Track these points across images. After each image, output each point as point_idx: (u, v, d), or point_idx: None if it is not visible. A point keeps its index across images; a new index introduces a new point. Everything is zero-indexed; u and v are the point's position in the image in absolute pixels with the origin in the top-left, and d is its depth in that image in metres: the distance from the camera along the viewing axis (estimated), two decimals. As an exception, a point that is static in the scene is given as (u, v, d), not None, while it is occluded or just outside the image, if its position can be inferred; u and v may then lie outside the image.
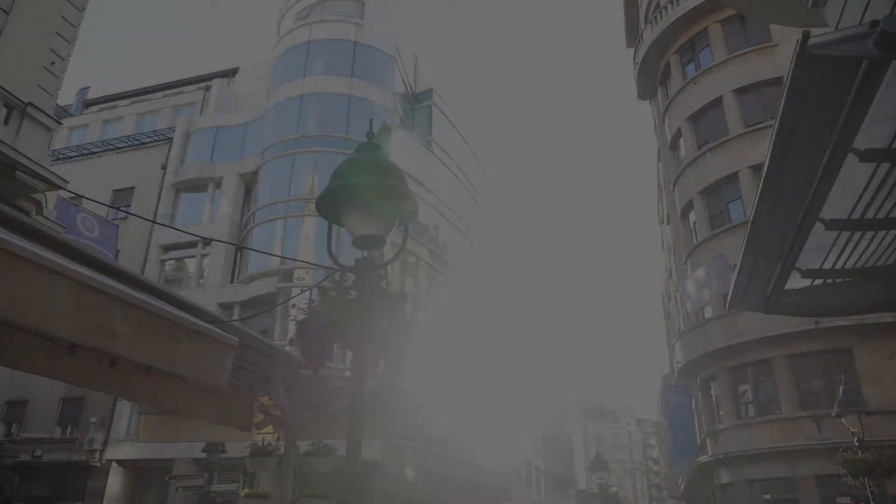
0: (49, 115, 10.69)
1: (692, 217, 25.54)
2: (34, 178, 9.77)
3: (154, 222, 28.52)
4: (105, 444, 25.93)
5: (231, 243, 27.71)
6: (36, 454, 26.56)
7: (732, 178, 23.34)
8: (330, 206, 4.49)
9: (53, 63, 11.18)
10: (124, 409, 26.62)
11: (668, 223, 31.21)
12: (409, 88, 34.75)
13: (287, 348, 5.89)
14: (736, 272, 5.70)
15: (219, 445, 18.02)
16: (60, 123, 11.00)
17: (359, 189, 4.28)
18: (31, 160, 9.66)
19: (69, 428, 27.07)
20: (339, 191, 4.28)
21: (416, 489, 26.87)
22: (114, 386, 4.55)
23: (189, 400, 5.55)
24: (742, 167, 22.89)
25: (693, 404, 26.47)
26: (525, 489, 45.51)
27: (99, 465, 25.75)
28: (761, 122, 22.83)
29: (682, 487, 42.31)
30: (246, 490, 6.05)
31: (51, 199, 11.26)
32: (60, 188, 10.45)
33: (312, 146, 27.71)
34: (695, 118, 25.65)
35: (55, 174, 10.50)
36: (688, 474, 31.62)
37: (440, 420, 29.74)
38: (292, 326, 5.25)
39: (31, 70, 10.64)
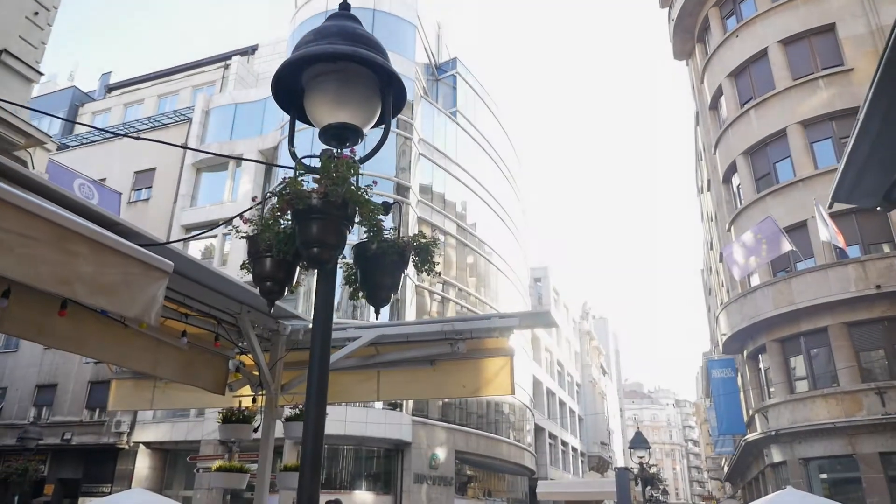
0: (30, 66, 9.79)
1: (735, 180, 23.91)
2: (10, 130, 8.90)
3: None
4: (132, 426, 25.64)
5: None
6: (65, 437, 26.44)
7: (780, 135, 21.64)
8: (288, 88, 3.44)
9: (37, 13, 10.31)
10: (150, 391, 26.25)
11: (708, 190, 29.51)
12: (431, 58, 33.51)
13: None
14: (843, 163, 4.50)
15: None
16: (41, 74, 10.11)
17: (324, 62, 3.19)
18: (7, 111, 8.80)
19: (97, 411, 26.86)
20: (299, 64, 3.21)
21: (448, 469, 26.00)
22: (21, 327, 3.58)
23: (142, 357, 4.57)
24: (790, 123, 21.19)
25: (739, 379, 24.96)
26: (561, 471, 44.45)
27: (127, 447, 25.49)
28: (812, 73, 21.07)
29: (727, 469, 40.82)
30: (217, 463, 5.01)
31: (42, 161, 10.37)
32: (42, 143, 9.58)
33: (333, 118, 26.71)
34: (737, 74, 23.90)
35: (37, 129, 9.62)
36: (733, 454, 30.15)
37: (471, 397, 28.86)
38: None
39: (9, 18, 9.77)
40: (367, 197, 3.28)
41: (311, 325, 5.35)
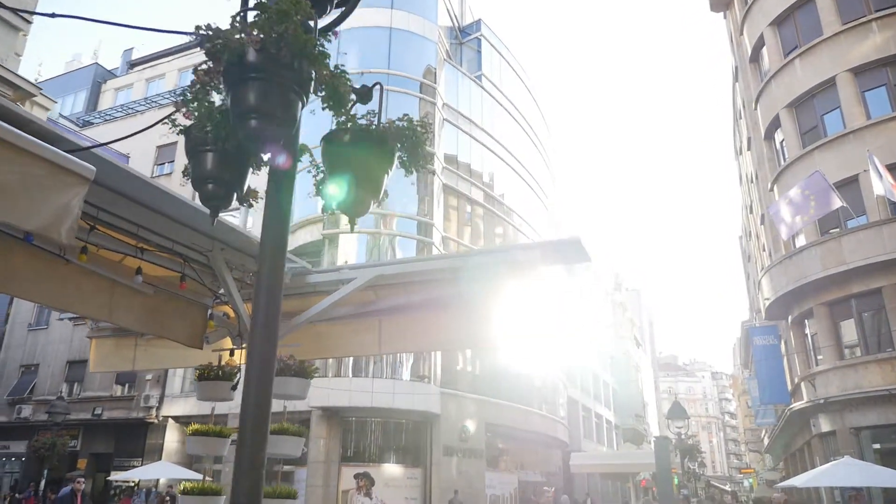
0: (15, 12, 9.11)
1: (778, 136, 22.49)
2: (-5, 79, 8.28)
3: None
4: (160, 401, 25.59)
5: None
6: (96, 412, 26.56)
7: (828, 85, 20.19)
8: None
9: (26, -41, 9.60)
10: (178, 365, 26.16)
11: (748, 150, 28.00)
12: (454, 21, 32.33)
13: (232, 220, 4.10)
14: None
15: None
16: (30, 23, 9.44)
17: None
18: (-10, 59, 8.16)
19: (126, 386, 26.89)
20: None
21: (478, 442, 25.43)
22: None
23: (93, 300, 3.87)
24: (840, 71, 19.73)
25: (782, 347, 23.76)
26: (595, 443, 43.70)
27: (156, 421, 25.47)
28: (863, 16, 19.52)
29: (767, 441, 39.58)
30: (193, 425, 4.31)
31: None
32: (31, 96, 8.94)
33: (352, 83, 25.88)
34: (780, 22, 22.35)
35: (26, 80, 8.98)
36: (775, 425, 29.01)
37: (503, 367, 28.16)
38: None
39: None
40: (333, 69, 2.48)
41: (305, 267, 4.62)
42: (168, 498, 19.89)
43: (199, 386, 4.39)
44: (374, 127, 2.65)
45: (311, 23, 2.49)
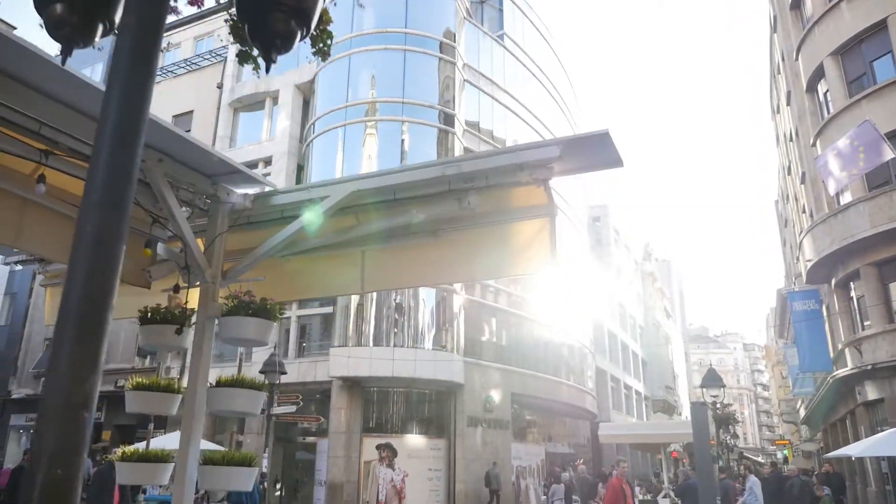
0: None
1: (822, 87, 21.01)
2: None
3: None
4: (181, 371, 25.32)
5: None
6: (118, 384, 26.44)
7: (878, 28, 18.66)
8: None
9: None
10: (198, 337, 25.85)
11: (787, 105, 26.41)
12: (475, -23, 30.98)
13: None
14: None
15: (276, 365, 16.41)
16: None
17: None
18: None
19: (148, 358, 26.72)
20: None
21: (504, 412, 24.76)
22: None
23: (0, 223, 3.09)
24: (891, 13, 18.18)
25: (824, 312, 22.50)
26: (624, 414, 42.87)
27: (178, 393, 25.21)
28: (918, -50, 17.87)
29: (804, 411, 38.28)
30: (134, 378, 3.54)
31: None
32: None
33: (369, 44, 24.93)
34: (824, -37, 20.73)
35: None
36: (814, 395, 27.79)
37: (530, 337, 27.38)
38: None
39: None
40: None
41: (271, 189, 3.80)
42: None
43: (141, 331, 3.64)
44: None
45: None
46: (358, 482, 21.19)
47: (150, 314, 3.58)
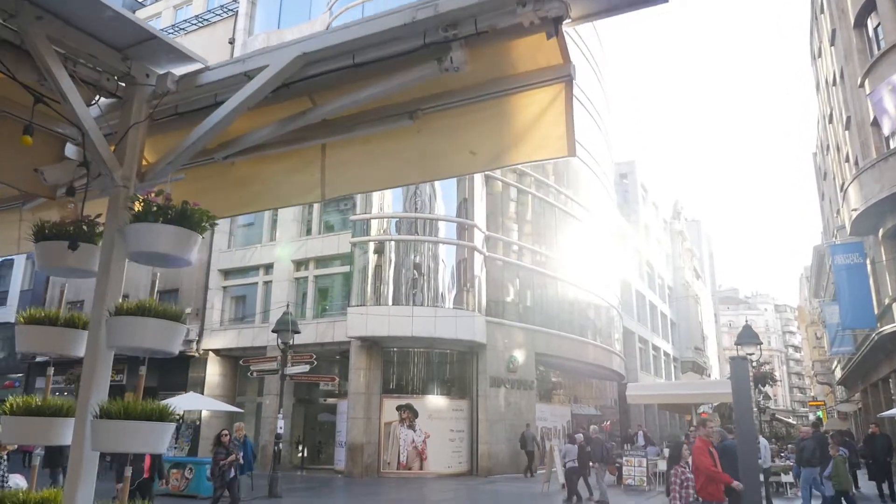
0: None
1: (872, 22, 19.37)
2: None
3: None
4: (200, 334, 25.07)
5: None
6: (139, 346, 26.31)
7: (937, -48, 16.95)
8: None
9: None
10: (216, 298, 25.50)
11: (831, 45, 24.61)
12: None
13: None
14: None
15: (289, 324, 15.82)
16: None
17: None
18: None
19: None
20: None
21: (528, 373, 24.06)
22: None
23: None
24: (953, -67, 16.46)
25: (869, 265, 21.19)
26: (652, 375, 42.01)
27: (197, 355, 25.03)
28: None
29: (840, 372, 36.99)
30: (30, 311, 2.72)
31: None
32: None
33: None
34: None
35: None
36: (854, 353, 26.56)
37: (554, 297, 26.49)
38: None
39: None
40: None
41: (204, 67, 2.94)
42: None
43: (35, 251, 2.84)
44: None
45: None
46: (378, 443, 20.77)
47: (47, 230, 2.77)
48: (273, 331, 16.50)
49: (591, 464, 15.18)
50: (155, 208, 2.54)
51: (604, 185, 34.98)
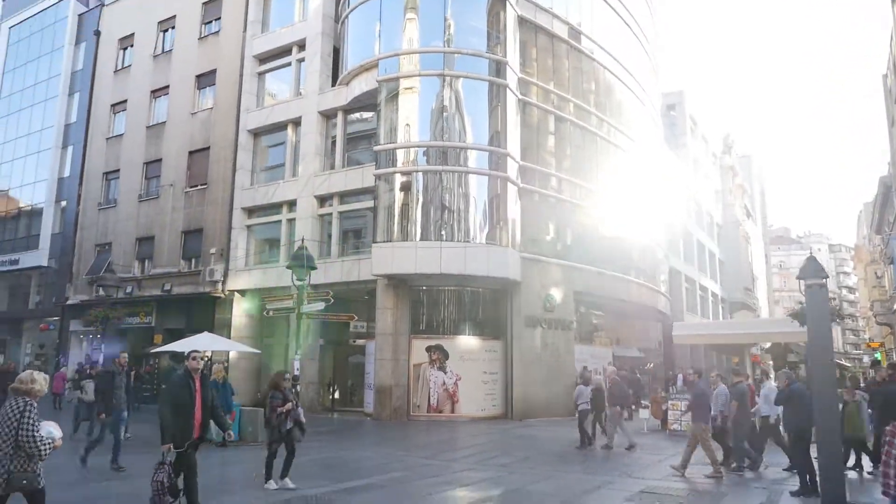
0: None
1: None
2: None
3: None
4: (225, 275, 24.31)
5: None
6: (165, 288, 25.80)
7: None
8: None
9: None
10: (240, 237, 24.61)
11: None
12: None
13: None
14: None
15: (305, 259, 14.60)
16: None
17: None
18: None
19: (193, 261, 25.82)
20: None
21: (566, 312, 22.65)
22: None
23: None
24: None
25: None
26: (699, 317, 40.13)
27: (223, 296, 24.36)
28: None
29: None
30: None
31: None
32: None
33: None
34: None
35: None
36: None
37: (595, 232, 24.76)
38: None
39: None
40: None
41: None
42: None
43: None
44: None
45: None
46: (407, 385, 19.84)
47: None
48: (287, 266, 15.37)
49: (616, 407, 14.18)
50: None
51: (650, 115, 32.55)
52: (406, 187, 20.42)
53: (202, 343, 15.74)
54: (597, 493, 9.05)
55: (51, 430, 4.92)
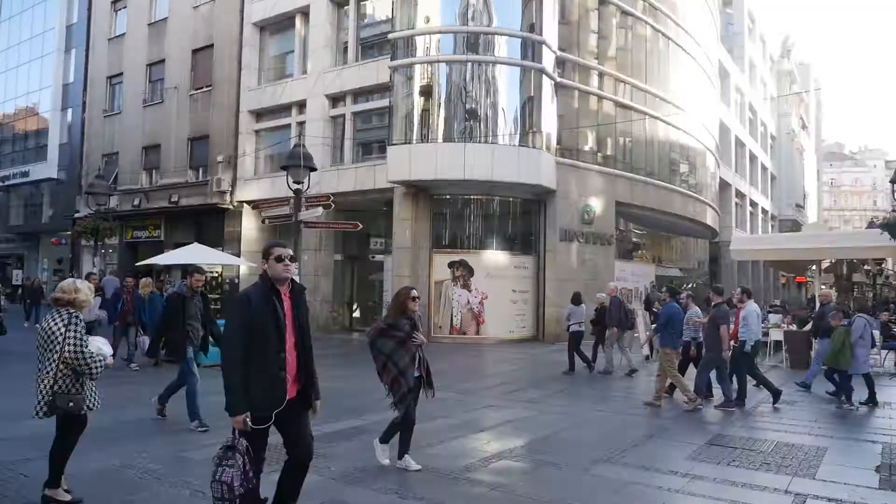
0: None
1: None
2: None
3: None
4: (233, 184, 22.45)
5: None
6: (173, 199, 24.11)
7: None
8: None
9: None
10: (247, 143, 22.56)
11: None
12: None
13: None
14: None
15: (301, 158, 12.52)
16: None
17: None
18: None
19: (200, 171, 23.97)
20: None
21: (606, 226, 20.32)
22: None
23: None
24: None
25: None
26: (748, 234, 37.23)
27: (231, 207, 22.58)
28: None
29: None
30: None
31: None
32: None
33: None
34: None
35: None
36: None
37: (641, 134, 21.92)
38: None
39: None
40: None
41: None
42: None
43: None
44: None
45: None
46: (428, 305, 17.96)
47: None
48: (282, 167, 13.30)
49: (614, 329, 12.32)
50: None
51: (706, 6, 28.79)
52: (426, 81, 17.89)
53: (187, 256, 14.00)
54: (650, 442, 7.06)
55: (101, 346, 4.47)
